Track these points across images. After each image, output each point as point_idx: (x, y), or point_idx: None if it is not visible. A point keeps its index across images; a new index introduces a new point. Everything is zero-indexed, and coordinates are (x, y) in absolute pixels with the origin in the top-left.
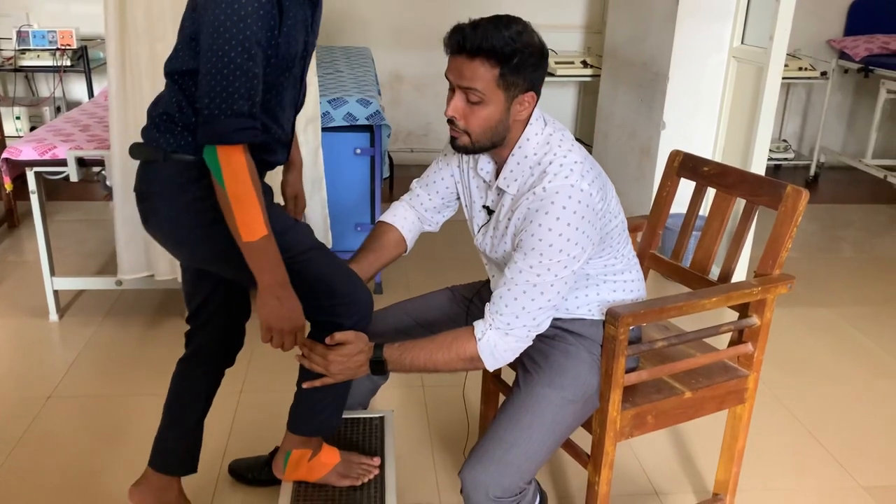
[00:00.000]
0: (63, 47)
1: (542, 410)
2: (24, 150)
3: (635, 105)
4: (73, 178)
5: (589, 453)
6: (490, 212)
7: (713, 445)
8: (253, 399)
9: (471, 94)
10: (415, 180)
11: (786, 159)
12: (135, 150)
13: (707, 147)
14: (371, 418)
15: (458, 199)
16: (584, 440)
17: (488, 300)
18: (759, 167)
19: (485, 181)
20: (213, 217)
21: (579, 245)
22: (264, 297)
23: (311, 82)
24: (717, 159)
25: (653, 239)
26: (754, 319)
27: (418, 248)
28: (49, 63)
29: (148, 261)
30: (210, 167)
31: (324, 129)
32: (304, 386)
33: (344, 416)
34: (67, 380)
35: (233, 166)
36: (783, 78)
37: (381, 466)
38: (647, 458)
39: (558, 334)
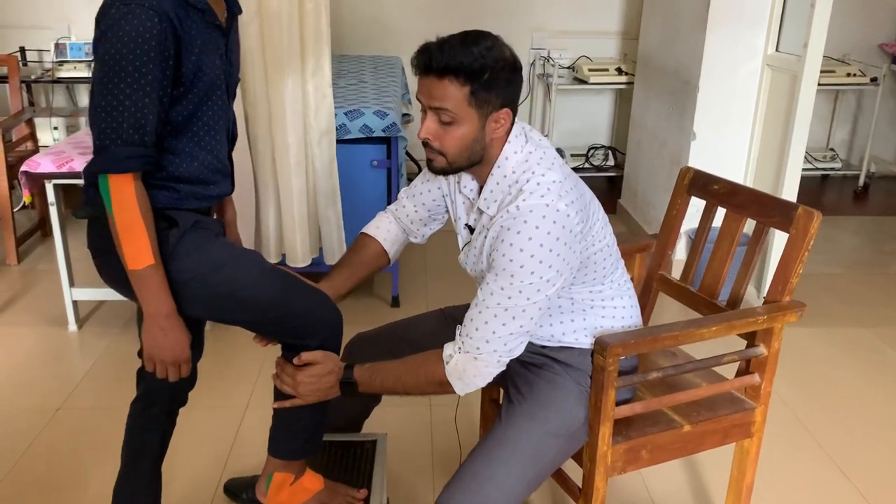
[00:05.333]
0: None
1: (521, 445)
2: (42, 163)
3: (666, 114)
4: None
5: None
6: (472, 230)
7: (726, 475)
8: (257, 416)
9: (442, 115)
10: (402, 189)
11: (833, 169)
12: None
13: (740, 159)
14: (362, 442)
15: (447, 212)
16: (577, 473)
17: None
18: (792, 179)
19: (469, 199)
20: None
21: (553, 268)
22: (148, 327)
23: (325, 94)
24: (751, 172)
25: (662, 260)
26: (761, 349)
27: (438, 261)
28: (86, 74)
29: None
30: (102, 196)
31: (340, 142)
32: (274, 406)
33: (334, 439)
34: (79, 391)
35: (121, 195)
36: (831, 85)
37: (368, 499)
38: (657, 486)
39: (546, 363)
